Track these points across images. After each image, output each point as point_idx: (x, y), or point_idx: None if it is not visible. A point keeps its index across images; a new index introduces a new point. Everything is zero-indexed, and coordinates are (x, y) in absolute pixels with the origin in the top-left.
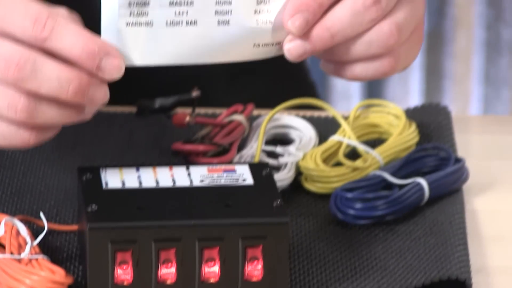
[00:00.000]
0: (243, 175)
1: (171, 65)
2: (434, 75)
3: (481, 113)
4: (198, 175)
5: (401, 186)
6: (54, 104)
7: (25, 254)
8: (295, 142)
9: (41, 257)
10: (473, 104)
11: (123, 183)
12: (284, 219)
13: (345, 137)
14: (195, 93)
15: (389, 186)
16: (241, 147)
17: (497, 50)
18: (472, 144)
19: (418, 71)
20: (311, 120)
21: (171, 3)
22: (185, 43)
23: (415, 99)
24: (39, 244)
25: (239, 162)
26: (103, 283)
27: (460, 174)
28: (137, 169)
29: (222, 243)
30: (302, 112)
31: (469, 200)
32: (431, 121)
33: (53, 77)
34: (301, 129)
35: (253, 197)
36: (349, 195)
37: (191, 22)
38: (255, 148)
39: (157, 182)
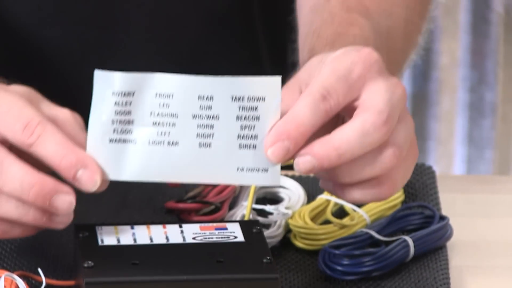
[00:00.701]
0: (234, 233)
1: (153, 182)
2: (419, 136)
3: (464, 173)
4: (191, 233)
5: (387, 243)
6: (15, 200)
7: None
8: (284, 200)
9: None
10: (457, 164)
11: (118, 240)
12: (274, 275)
13: (333, 196)
14: None
15: (375, 243)
16: (232, 205)
17: (480, 112)
18: (456, 203)
19: None
20: (300, 179)
21: (154, 123)
22: (167, 162)
23: None
24: None
25: (230, 220)
26: None
27: (444, 232)
28: (132, 227)
29: None
30: (291, 172)
31: (453, 257)
32: (416, 181)
33: (16, 179)
34: (290, 188)
35: (244, 254)
36: (337, 251)
37: (173, 143)
38: (245, 207)
39: (151, 239)
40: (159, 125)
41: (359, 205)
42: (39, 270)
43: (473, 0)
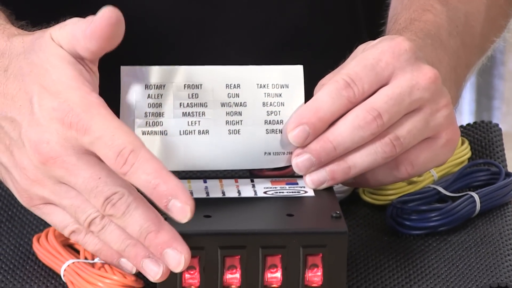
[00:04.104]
0: (305, 188)
1: (184, 171)
2: (485, 95)
3: None
4: (262, 187)
5: (454, 199)
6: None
7: (98, 259)
8: None
9: None
10: None
11: (192, 193)
12: (343, 229)
13: None
14: None
15: (442, 199)
16: None
17: None
18: None
19: (470, 92)
20: None
21: (184, 114)
22: (197, 151)
23: (466, 118)
24: None
25: (300, 175)
26: (172, 287)
27: (510, 188)
28: (205, 181)
29: (284, 251)
30: None
31: None
32: (483, 138)
33: (137, 223)
34: None
35: (313, 208)
36: (405, 206)
37: (203, 132)
38: None
39: (223, 193)
40: (189, 116)
41: None
42: None
43: None
